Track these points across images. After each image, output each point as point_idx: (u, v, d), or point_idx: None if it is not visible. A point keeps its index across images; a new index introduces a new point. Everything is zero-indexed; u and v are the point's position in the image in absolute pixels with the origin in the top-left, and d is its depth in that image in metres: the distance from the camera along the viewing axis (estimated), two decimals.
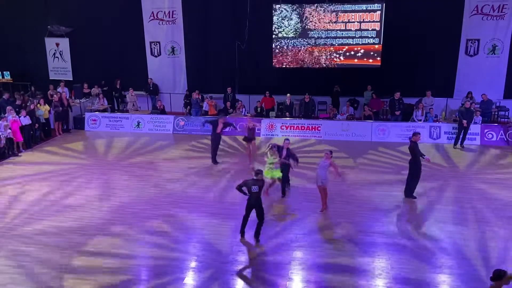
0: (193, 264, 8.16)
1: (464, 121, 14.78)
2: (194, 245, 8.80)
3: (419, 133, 10.88)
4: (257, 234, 8.93)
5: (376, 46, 17.88)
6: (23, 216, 10.07)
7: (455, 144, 15.18)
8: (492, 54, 17.59)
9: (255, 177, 8.78)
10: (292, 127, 16.41)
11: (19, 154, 14.53)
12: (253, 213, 8.84)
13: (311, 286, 7.52)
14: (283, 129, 16.43)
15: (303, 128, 16.39)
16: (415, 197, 10.78)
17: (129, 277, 7.77)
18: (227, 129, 13.81)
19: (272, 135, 16.53)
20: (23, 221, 9.80)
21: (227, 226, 9.53)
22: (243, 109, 17.96)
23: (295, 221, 9.73)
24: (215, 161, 13.47)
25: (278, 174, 10.64)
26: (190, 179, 12.33)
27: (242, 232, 8.99)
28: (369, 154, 14.43)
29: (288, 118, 17.15)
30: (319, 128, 16.33)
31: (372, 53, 17.96)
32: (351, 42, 18.07)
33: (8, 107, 14.61)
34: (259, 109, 17.95)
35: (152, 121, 17.51)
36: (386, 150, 14.82)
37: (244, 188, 8.72)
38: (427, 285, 7.50)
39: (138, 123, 17.54)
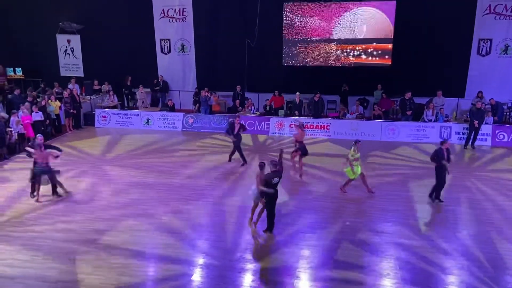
0: (200, 261, 8.18)
1: (475, 122, 14.65)
2: (202, 242, 8.83)
3: None
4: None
5: (387, 45, 17.79)
6: (33, 211, 10.17)
7: (466, 144, 15.05)
8: (504, 54, 17.41)
9: (273, 169, 8.84)
10: None
11: None
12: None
13: (318, 285, 7.50)
14: (292, 128, 16.39)
15: (312, 127, 16.34)
16: None
17: (137, 273, 7.81)
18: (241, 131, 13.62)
19: (281, 133, 16.52)
20: (33, 216, 9.90)
21: (235, 223, 9.54)
22: (252, 107, 17.95)
23: (303, 220, 9.70)
24: (244, 160, 13.16)
25: (359, 170, 10.80)
26: (199, 176, 12.35)
27: (271, 227, 9.07)
28: (378, 154, 14.34)
29: (297, 117, 17.12)
30: (328, 127, 16.28)
31: (382, 52, 17.86)
32: (362, 41, 18.00)
33: (26, 104, 14.73)
34: (268, 107, 17.94)
35: (162, 118, 17.58)
36: (395, 150, 14.74)
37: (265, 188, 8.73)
38: (436, 286, 7.45)
39: (148, 120, 17.62)
